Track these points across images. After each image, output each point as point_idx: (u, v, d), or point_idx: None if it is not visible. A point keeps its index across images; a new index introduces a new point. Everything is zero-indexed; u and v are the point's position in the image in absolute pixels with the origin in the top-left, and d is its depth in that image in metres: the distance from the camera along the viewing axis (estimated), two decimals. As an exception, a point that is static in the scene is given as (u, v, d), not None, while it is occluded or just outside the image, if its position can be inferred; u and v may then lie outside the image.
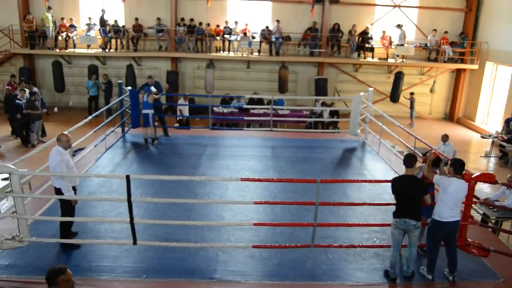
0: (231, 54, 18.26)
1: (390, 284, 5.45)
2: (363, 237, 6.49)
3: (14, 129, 14.24)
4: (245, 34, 17.85)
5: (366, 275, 5.61)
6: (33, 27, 17.73)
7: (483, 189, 10.21)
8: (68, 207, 5.92)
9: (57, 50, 17.85)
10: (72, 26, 18.02)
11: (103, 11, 17.72)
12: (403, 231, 5.43)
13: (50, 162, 5.87)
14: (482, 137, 15.26)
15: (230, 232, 6.50)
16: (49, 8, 17.31)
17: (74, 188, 6.08)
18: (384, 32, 18.24)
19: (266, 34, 18.02)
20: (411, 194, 5.31)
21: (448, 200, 5.28)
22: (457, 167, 5.34)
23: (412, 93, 17.93)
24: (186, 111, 13.31)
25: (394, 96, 18.44)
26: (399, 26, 17.73)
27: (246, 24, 18.03)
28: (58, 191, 5.87)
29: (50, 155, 5.89)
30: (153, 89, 10.70)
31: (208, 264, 5.71)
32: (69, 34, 17.91)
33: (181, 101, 13.21)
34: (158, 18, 18.06)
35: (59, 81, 18.02)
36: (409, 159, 5.43)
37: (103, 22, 17.69)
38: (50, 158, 5.88)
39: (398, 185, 5.42)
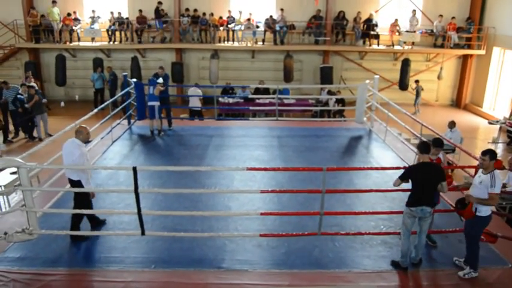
0: (236, 44, 18.19)
1: (398, 271, 5.46)
2: (370, 225, 6.49)
3: (9, 126, 14.00)
4: (248, 20, 17.74)
5: (373, 262, 5.63)
6: (38, 21, 17.74)
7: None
8: (84, 199, 5.96)
9: (62, 44, 17.87)
10: (76, 19, 18.03)
11: (160, 3, 17.66)
12: (415, 220, 5.41)
13: (67, 155, 5.83)
14: (490, 123, 15.13)
15: (237, 222, 6.53)
16: (54, 1, 17.33)
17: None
18: (396, 20, 17.99)
19: (270, 23, 17.91)
20: (430, 180, 5.24)
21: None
22: (494, 155, 5.17)
23: (417, 81, 17.73)
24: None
25: (403, 84, 18.20)
26: (414, 11, 17.54)
27: (250, 14, 17.93)
28: (75, 184, 5.89)
29: (66, 147, 5.87)
30: (160, 80, 10.69)
31: (216, 254, 5.75)
32: (73, 27, 17.92)
33: (192, 90, 13.00)
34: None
35: (61, 75, 17.94)
36: (425, 145, 5.38)
37: (158, 14, 17.66)
38: (65, 150, 5.85)
39: (417, 172, 5.32)
